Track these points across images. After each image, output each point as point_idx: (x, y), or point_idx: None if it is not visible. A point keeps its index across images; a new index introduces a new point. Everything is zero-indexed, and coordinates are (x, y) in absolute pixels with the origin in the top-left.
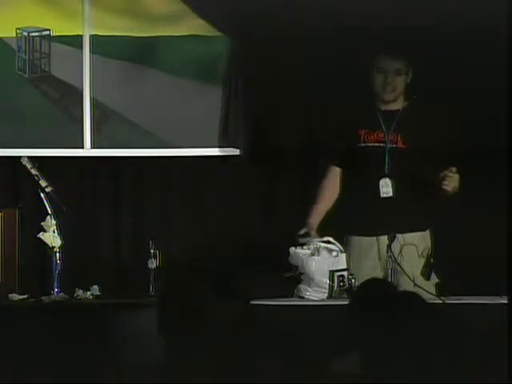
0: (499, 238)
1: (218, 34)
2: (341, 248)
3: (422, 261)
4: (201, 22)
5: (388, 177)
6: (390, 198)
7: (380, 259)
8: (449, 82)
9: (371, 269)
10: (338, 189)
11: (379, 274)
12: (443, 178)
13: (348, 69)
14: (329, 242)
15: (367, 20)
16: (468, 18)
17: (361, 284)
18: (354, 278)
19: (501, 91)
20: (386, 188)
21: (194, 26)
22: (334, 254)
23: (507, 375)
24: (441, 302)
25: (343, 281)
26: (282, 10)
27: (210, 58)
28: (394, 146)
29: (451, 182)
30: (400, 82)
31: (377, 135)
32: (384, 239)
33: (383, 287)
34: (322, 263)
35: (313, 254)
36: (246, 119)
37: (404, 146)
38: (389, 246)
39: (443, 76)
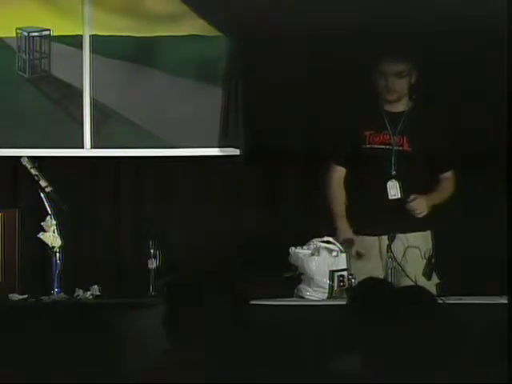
0: (499, 237)
1: (217, 34)
2: (341, 248)
3: (425, 262)
4: (201, 21)
5: (395, 179)
6: (397, 199)
7: (382, 259)
8: (452, 84)
9: (373, 268)
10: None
11: (381, 274)
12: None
13: (350, 69)
14: (329, 242)
15: (368, 21)
16: (469, 20)
17: (357, 283)
18: (354, 278)
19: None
20: (393, 190)
21: (193, 26)
22: (334, 254)
23: (507, 375)
24: (441, 302)
25: (343, 281)
26: (282, 10)
27: (210, 57)
28: (400, 148)
29: (417, 205)
30: (402, 85)
31: (382, 137)
32: (386, 239)
33: (380, 286)
34: (322, 263)
35: (313, 254)
36: (246, 119)
37: (410, 149)
38: (389, 246)
39: (445, 78)
